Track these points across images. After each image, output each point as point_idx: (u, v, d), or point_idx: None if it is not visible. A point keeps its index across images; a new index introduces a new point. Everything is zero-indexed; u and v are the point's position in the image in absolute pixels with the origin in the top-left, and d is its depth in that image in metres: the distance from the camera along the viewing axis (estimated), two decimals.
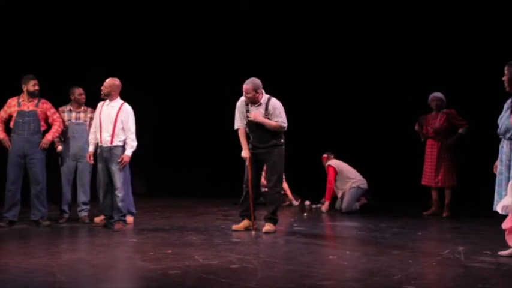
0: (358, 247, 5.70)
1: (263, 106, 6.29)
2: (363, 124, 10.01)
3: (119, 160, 6.47)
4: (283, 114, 6.32)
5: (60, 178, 7.10)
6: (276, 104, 6.31)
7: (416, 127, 7.98)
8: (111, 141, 6.48)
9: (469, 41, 8.99)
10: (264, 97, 6.33)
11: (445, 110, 7.84)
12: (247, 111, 6.34)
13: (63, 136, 7.05)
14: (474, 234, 6.31)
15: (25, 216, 6.84)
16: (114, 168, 6.47)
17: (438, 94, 7.86)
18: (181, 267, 4.60)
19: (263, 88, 6.36)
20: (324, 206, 8.39)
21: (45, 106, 6.82)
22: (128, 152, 6.51)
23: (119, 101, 6.59)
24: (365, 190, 8.35)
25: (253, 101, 6.28)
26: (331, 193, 8.39)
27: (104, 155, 6.52)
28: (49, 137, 6.81)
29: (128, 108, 6.58)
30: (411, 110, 8.53)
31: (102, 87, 6.55)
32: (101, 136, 6.54)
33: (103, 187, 6.59)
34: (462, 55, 9.09)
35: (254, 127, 6.34)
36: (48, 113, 6.84)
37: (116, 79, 6.63)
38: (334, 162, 8.53)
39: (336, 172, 8.42)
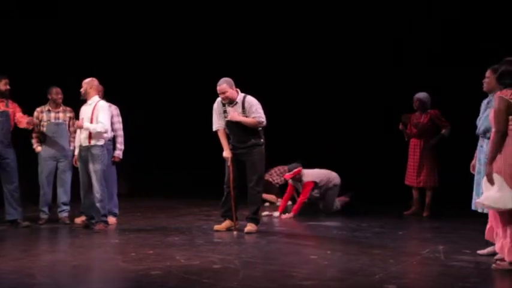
0: (339, 247, 5.72)
1: (239, 105, 6.30)
2: (344, 124, 10.04)
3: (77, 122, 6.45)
4: (260, 110, 6.33)
5: (39, 178, 7.03)
6: (252, 101, 6.32)
7: (401, 127, 8.02)
8: (89, 141, 6.45)
9: (454, 42, 9.08)
10: (240, 95, 6.34)
11: (429, 110, 7.89)
12: (225, 111, 6.35)
13: (43, 137, 6.99)
14: (454, 233, 6.37)
15: (1, 217, 6.76)
16: (92, 167, 6.44)
17: (419, 95, 7.88)
18: (163, 268, 4.58)
19: (240, 88, 6.37)
20: (287, 216, 7.69)
21: (14, 106, 6.78)
22: (87, 124, 6.41)
23: (95, 99, 6.57)
24: (340, 185, 8.13)
25: (230, 100, 6.29)
26: (300, 208, 7.79)
27: (83, 155, 6.50)
28: (26, 119, 6.74)
29: (101, 104, 6.55)
30: (393, 109, 8.59)
31: (82, 90, 6.58)
32: (80, 136, 6.53)
33: (83, 187, 6.56)
34: (446, 56, 9.16)
35: (233, 127, 6.34)
36: (17, 115, 6.79)
37: (93, 78, 6.62)
38: (311, 176, 7.93)
39: (314, 186, 7.92)
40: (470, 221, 6.41)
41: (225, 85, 6.26)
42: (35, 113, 7.03)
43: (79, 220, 6.96)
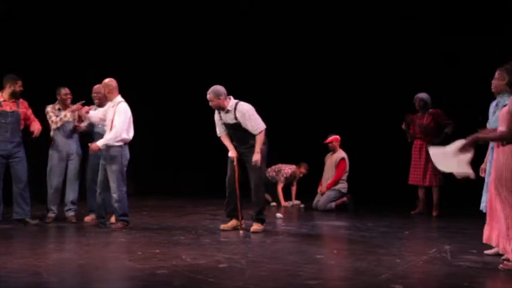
0: (345, 246, 5.72)
1: (232, 112, 6.30)
2: (350, 123, 10.03)
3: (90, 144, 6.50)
4: (254, 117, 6.28)
5: (48, 177, 7.05)
6: (242, 109, 6.27)
7: (404, 126, 8.02)
8: None
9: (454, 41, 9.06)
10: (232, 102, 6.31)
11: (431, 110, 7.90)
12: (220, 118, 6.39)
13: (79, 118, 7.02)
14: (460, 233, 6.36)
15: (9, 215, 6.79)
16: (110, 168, 6.48)
17: (421, 95, 7.92)
18: (169, 267, 4.59)
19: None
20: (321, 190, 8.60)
21: (24, 106, 6.82)
22: (99, 142, 6.47)
23: (116, 100, 6.58)
24: (343, 194, 8.48)
25: (219, 108, 6.31)
26: (333, 184, 8.50)
27: (104, 154, 6.53)
28: (38, 126, 6.76)
29: (121, 106, 6.54)
30: (397, 110, 8.57)
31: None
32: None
33: (100, 185, 6.59)
34: (451, 56, 9.14)
35: (233, 130, 6.37)
36: (28, 113, 6.82)
37: (106, 80, 6.60)
38: (346, 158, 8.61)
39: (345, 169, 8.53)
40: (477, 221, 6.36)
41: (211, 95, 6.28)
42: (46, 111, 7.07)
43: (89, 219, 7.01)
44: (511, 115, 4.42)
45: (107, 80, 6.60)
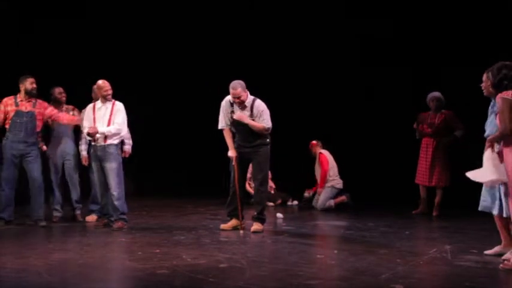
0: (345, 246, 5.71)
1: (248, 108, 6.29)
2: (353, 122, 10.04)
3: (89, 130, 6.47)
4: (267, 116, 6.31)
5: (51, 178, 7.08)
6: (260, 106, 6.30)
7: (415, 125, 8.02)
8: (105, 140, 6.49)
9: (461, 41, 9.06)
10: (249, 98, 6.32)
11: (443, 110, 7.88)
12: (232, 111, 6.34)
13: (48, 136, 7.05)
14: (461, 233, 6.36)
15: (17, 216, 6.80)
16: (109, 166, 6.47)
17: (437, 94, 7.88)
18: (169, 267, 4.59)
19: (247, 88, 6.37)
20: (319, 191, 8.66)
21: (42, 106, 6.77)
22: (102, 129, 6.45)
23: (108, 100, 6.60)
24: (339, 190, 8.53)
25: (241, 104, 6.27)
26: (325, 180, 8.55)
27: (99, 154, 6.51)
28: (67, 116, 6.85)
29: (119, 105, 6.60)
30: (398, 110, 8.57)
31: (109, 91, 6.53)
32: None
33: (100, 187, 6.59)
34: (458, 55, 9.14)
35: (239, 127, 6.34)
36: (46, 112, 6.78)
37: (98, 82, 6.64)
38: (326, 153, 8.72)
39: (328, 161, 8.56)
40: (478, 221, 6.40)
41: (240, 89, 6.21)
42: None
43: (90, 218, 7.01)
44: (500, 114, 4.55)
45: (98, 83, 6.60)
